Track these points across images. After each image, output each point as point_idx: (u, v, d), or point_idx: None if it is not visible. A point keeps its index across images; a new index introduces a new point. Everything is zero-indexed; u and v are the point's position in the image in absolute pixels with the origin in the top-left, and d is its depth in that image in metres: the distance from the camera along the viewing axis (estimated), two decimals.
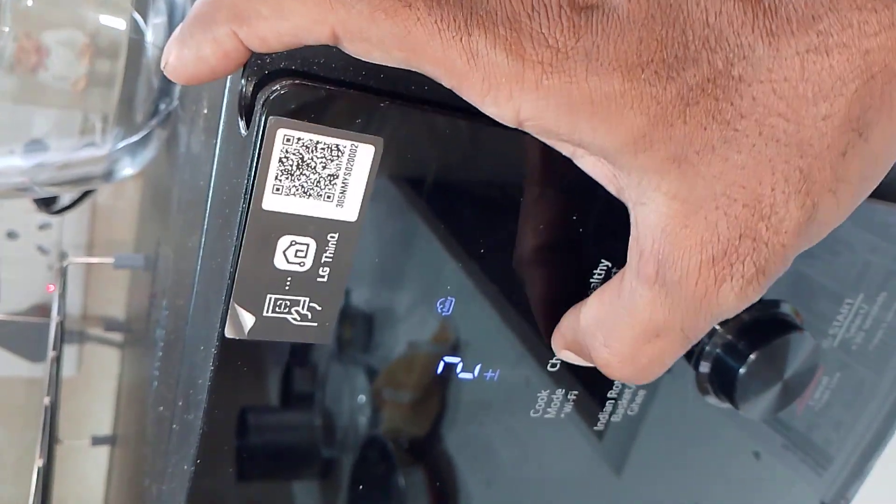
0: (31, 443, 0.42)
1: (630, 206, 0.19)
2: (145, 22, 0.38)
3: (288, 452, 0.24)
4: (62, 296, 0.49)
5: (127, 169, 0.36)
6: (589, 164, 0.20)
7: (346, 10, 0.16)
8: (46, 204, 0.61)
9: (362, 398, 0.24)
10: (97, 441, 0.64)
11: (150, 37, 0.37)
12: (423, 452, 0.26)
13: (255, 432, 0.23)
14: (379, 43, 0.17)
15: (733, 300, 0.18)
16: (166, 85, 0.35)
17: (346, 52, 0.17)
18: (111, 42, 0.39)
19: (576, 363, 0.24)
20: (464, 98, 0.18)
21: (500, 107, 0.17)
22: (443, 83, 0.17)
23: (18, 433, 0.71)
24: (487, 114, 0.18)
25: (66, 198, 0.61)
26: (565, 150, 0.20)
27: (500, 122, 0.18)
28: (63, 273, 0.52)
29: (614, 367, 0.21)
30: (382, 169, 0.20)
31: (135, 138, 0.35)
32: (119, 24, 0.38)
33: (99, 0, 0.39)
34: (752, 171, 0.17)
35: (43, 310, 0.68)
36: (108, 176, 0.36)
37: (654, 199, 0.18)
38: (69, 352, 0.70)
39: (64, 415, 0.54)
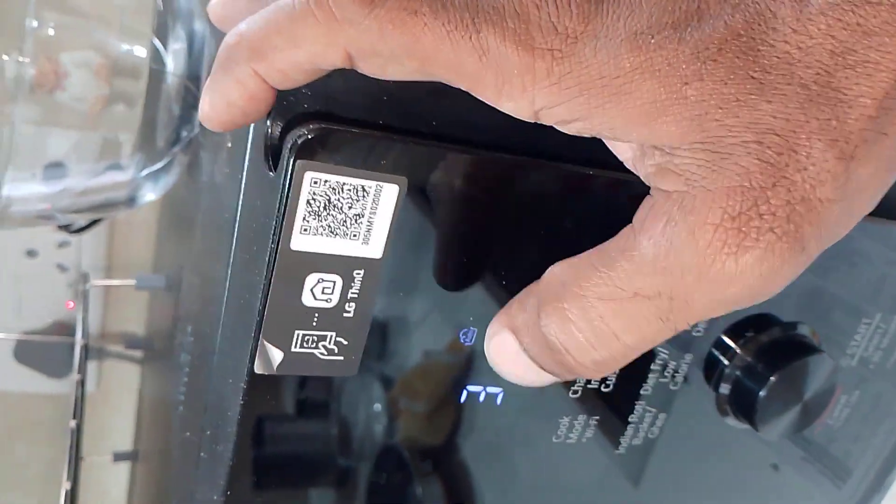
0: (54, 459, 0.43)
1: (654, 181, 0.18)
2: (165, 48, 0.38)
3: (314, 478, 0.25)
4: (85, 318, 0.50)
5: (149, 195, 0.37)
6: (619, 150, 0.19)
7: (354, 28, 0.16)
8: (65, 224, 0.62)
9: (379, 408, 0.25)
10: (119, 457, 0.64)
11: (170, 64, 0.37)
12: (440, 464, 0.27)
13: (282, 462, 0.23)
14: (391, 56, 0.17)
15: (753, 265, 0.16)
16: (187, 112, 0.36)
17: (363, 72, 0.17)
18: (132, 67, 0.39)
19: (499, 356, 0.20)
20: (481, 98, 0.17)
21: (515, 100, 0.17)
22: (459, 86, 0.17)
23: (42, 449, 0.72)
24: (505, 111, 0.17)
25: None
26: (586, 133, 0.18)
27: (519, 117, 0.17)
28: (85, 295, 0.53)
29: (571, 336, 0.18)
30: (406, 205, 0.20)
31: (158, 165, 0.36)
32: (140, 51, 0.38)
33: (121, 27, 0.40)
34: (784, 119, 0.16)
35: (63, 327, 0.69)
36: (130, 202, 0.37)
37: (675, 163, 0.17)
38: (89, 368, 0.71)
39: (85, 431, 0.55)
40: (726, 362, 0.28)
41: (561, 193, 0.23)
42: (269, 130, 0.20)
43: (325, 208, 0.19)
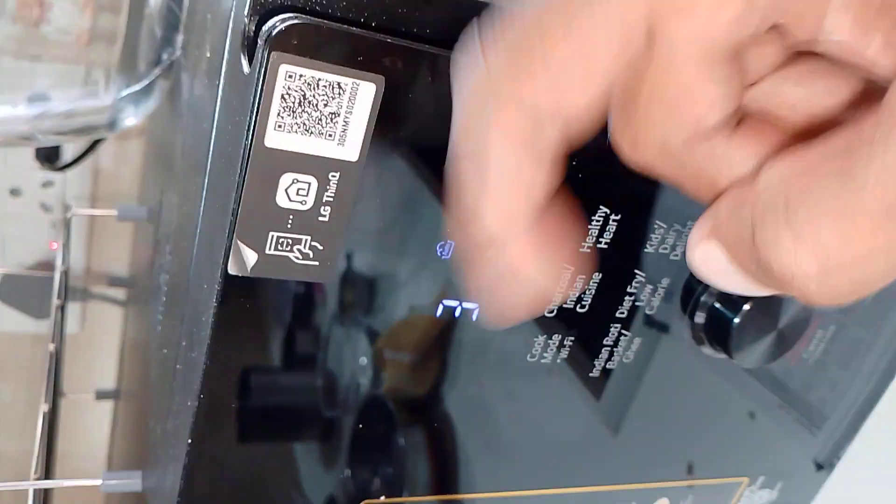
0: (37, 398, 0.43)
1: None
2: None
3: (290, 387, 0.25)
4: (66, 246, 0.50)
5: (130, 118, 0.36)
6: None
7: None
8: (49, 160, 0.61)
9: (363, 360, 0.25)
10: (101, 395, 0.65)
11: None
12: (422, 412, 0.27)
13: (257, 369, 0.23)
14: None
15: None
16: (169, 34, 0.35)
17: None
18: None
19: (706, 271, 0.17)
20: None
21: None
22: None
23: (24, 389, 0.72)
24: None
25: (68, 154, 0.61)
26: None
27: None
28: (67, 224, 0.52)
29: (799, 268, 0.14)
30: (384, 109, 0.20)
31: (138, 87, 0.35)
32: None
33: None
34: None
35: (46, 266, 0.69)
36: (111, 125, 0.37)
37: None
38: (73, 308, 0.70)
39: (68, 370, 0.55)
40: (701, 290, 0.28)
41: None
42: (246, 24, 0.20)
43: (299, 104, 0.19)
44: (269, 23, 0.19)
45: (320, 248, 0.21)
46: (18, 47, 0.44)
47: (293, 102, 0.19)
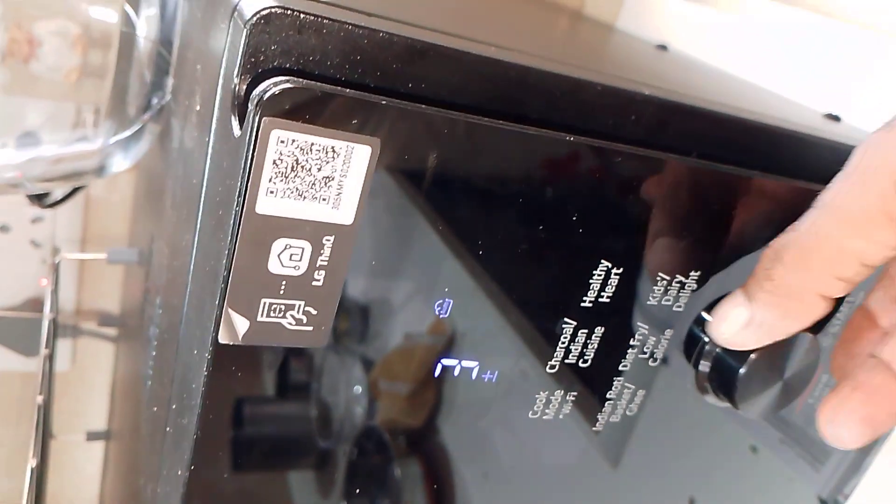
0: (26, 437, 0.42)
1: None
2: (137, 14, 0.37)
3: (283, 453, 0.24)
4: (55, 292, 0.49)
5: (119, 163, 0.36)
6: None
7: None
8: (39, 197, 0.60)
9: (358, 389, 0.24)
10: (92, 436, 0.63)
11: (142, 29, 0.36)
12: (419, 444, 0.26)
13: (249, 436, 0.23)
14: None
15: None
16: (158, 78, 0.35)
17: None
18: (103, 33, 0.38)
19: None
20: None
21: None
22: None
23: (13, 427, 0.71)
24: None
25: (58, 191, 0.60)
26: None
27: None
28: (56, 269, 0.51)
29: None
30: (379, 168, 0.20)
31: (127, 133, 0.35)
32: (110, 16, 0.37)
33: None
34: None
35: (36, 303, 0.68)
36: (100, 171, 0.36)
37: None
38: (63, 346, 0.69)
39: (58, 410, 0.54)
40: (706, 339, 0.27)
41: (542, 160, 0.22)
42: (237, 86, 0.19)
43: (292, 169, 0.18)
44: (261, 86, 0.18)
45: (314, 312, 0.21)
46: (8, 85, 0.44)
47: (285, 167, 0.18)
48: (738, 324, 0.23)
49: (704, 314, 0.27)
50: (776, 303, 0.22)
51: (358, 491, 0.25)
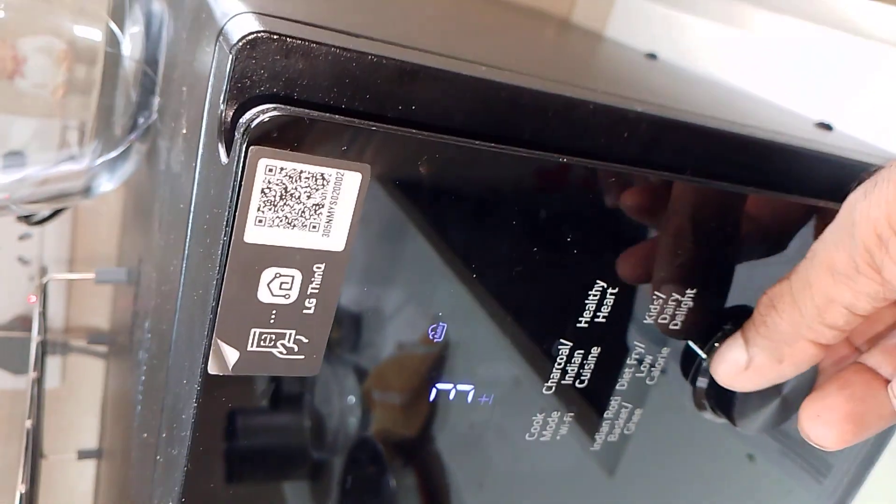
0: (15, 455, 0.41)
1: None
2: (122, 32, 0.37)
3: (276, 474, 0.24)
4: (42, 313, 0.48)
5: (106, 184, 0.35)
6: None
7: None
8: (26, 215, 0.59)
9: (351, 399, 0.23)
10: (83, 455, 0.63)
11: (127, 48, 0.35)
12: (414, 455, 0.26)
13: (242, 468, 0.22)
14: None
15: None
16: (144, 98, 0.34)
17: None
18: (88, 51, 0.38)
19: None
20: None
21: None
22: None
23: (2, 446, 0.70)
24: None
25: (45, 210, 0.60)
26: None
27: None
28: (44, 289, 0.51)
29: None
30: (370, 193, 0.19)
31: (114, 153, 0.34)
32: (95, 34, 0.36)
33: (75, 9, 0.38)
34: None
35: (25, 321, 0.67)
36: (86, 192, 0.35)
37: None
38: (52, 363, 0.69)
39: (48, 428, 0.53)
40: (704, 356, 0.27)
41: (534, 182, 0.22)
42: (223, 113, 0.19)
43: (281, 198, 0.18)
44: (248, 114, 0.18)
45: (305, 341, 0.20)
46: None
47: (274, 196, 0.18)
48: (736, 366, 0.24)
49: (692, 344, 0.27)
50: (771, 347, 0.23)
51: (353, 503, 0.25)
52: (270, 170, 0.18)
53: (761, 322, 0.23)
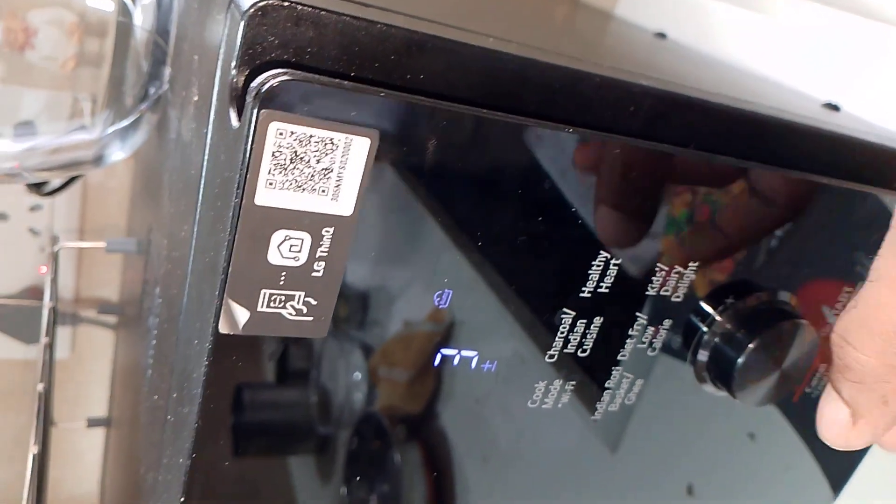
0: (27, 425, 0.42)
1: None
2: (133, 2, 0.37)
3: (283, 439, 0.24)
4: (54, 280, 0.49)
5: (117, 153, 0.36)
6: None
7: None
8: (37, 186, 0.60)
9: (357, 375, 0.24)
10: (92, 423, 0.64)
11: (139, 18, 0.36)
12: (418, 430, 0.26)
13: (250, 424, 0.23)
14: None
15: None
16: (155, 68, 0.35)
17: None
18: (99, 22, 0.38)
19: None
20: None
21: None
22: None
23: (14, 415, 0.71)
24: None
25: (56, 180, 0.60)
26: None
27: None
28: (55, 257, 0.51)
29: None
30: (378, 160, 0.20)
31: (125, 122, 0.35)
32: (107, 4, 0.37)
33: None
34: None
35: (36, 291, 0.68)
36: (97, 161, 0.36)
37: None
38: (62, 334, 0.70)
39: (58, 397, 0.54)
40: (705, 329, 0.27)
41: (539, 153, 0.22)
42: (234, 79, 0.19)
43: (291, 161, 0.18)
44: (259, 79, 0.18)
45: (314, 303, 0.21)
46: (4, 74, 0.44)
47: (284, 160, 0.18)
48: (841, 425, 0.23)
49: (703, 304, 0.28)
50: (867, 390, 0.22)
51: (358, 477, 0.26)
52: (281, 133, 0.18)
53: (843, 366, 0.22)
